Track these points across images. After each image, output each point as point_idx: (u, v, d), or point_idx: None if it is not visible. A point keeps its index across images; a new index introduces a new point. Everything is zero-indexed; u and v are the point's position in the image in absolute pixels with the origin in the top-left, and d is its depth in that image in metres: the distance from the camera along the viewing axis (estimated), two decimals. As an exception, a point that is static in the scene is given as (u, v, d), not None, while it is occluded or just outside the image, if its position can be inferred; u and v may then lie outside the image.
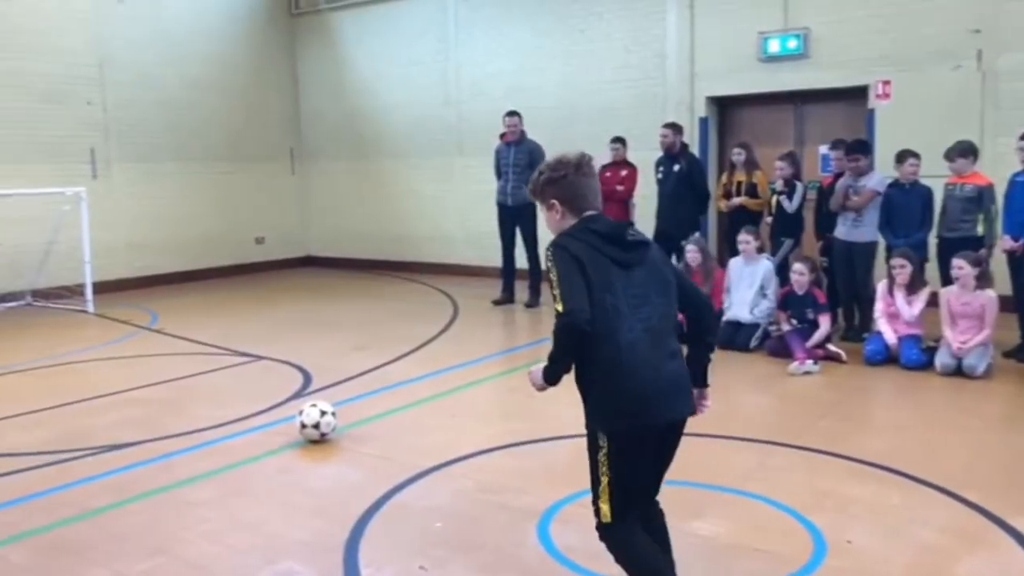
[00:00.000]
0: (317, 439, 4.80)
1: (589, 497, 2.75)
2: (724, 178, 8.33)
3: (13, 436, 5.03)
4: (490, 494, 4.05)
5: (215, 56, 12.06)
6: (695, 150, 9.15)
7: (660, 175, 8.42)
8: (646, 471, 2.72)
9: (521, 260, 9.20)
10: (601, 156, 9.25)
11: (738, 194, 8.02)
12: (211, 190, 12.11)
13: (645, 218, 8.75)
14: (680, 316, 2.78)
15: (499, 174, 9.12)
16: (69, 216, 9.61)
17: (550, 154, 9.14)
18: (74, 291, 9.76)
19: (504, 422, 5.29)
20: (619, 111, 10.15)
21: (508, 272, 9.26)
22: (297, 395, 5.83)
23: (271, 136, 12.96)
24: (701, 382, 2.85)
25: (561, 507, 3.88)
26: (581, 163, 2.75)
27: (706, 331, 2.85)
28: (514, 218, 9.04)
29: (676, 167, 8.27)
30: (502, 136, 9.10)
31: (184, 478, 4.31)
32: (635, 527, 2.73)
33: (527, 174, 9.10)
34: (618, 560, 2.74)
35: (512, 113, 9.00)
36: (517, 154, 8.90)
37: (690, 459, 4.48)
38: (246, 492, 4.16)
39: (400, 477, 4.25)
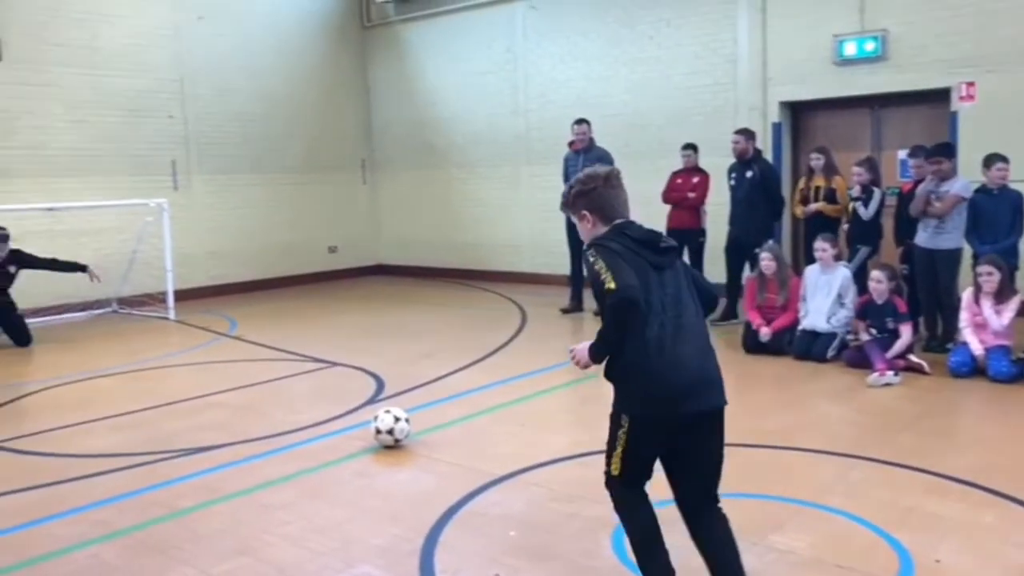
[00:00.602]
0: (391, 445, 4.87)
1: (659, 509, 2.99)
2: (802, 183, 8.16)
3: (104, 437, 5.24)
4: (563, 503, 4.05)
5: (290, 70, 12.38)
6: (768, 156, 9.00)
7: (732, 181, 8.30)
8: (656, 450, 2.93)
9: (590, 268, 9.19)
10: (671, 163, 9.21)
11: (816, 200, 7.85)
12: (286, 200, 12.42)
13: (717, 225, 8.65)
14: None
15: (568, 182, 9.10)
16: (152, 226, 9.98)
17: (619, 161, 9.18)
18: (156, 299, 10.13)
19: (574, 431, 5.28)
20: (689, 117, 10.06)
21: (576, 280, 9.24)
22: (371, 401, 5.93)
23: (343, 147, 13.23)
24: None
25: (635, 517, 3.84)
26: (610, 176, 3.00)
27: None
28: (583, 226, 9.01)
29: (749, 173, 8.15)
30: (571, 144, 9.10)
31: (265, 481, 4.42)
32: (644, 496, 3.00)
33: (596, 182, 9.13)
34: (617, 511, 3.04)
35: (581, 121, 9.00)
36: (586, 162, 8.87)
37: (767, 471, 4.43)
38: (324, 496, 4.24)
39: (473, 484, 4.28)
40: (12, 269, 8.35)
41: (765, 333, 6.97)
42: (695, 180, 8.67)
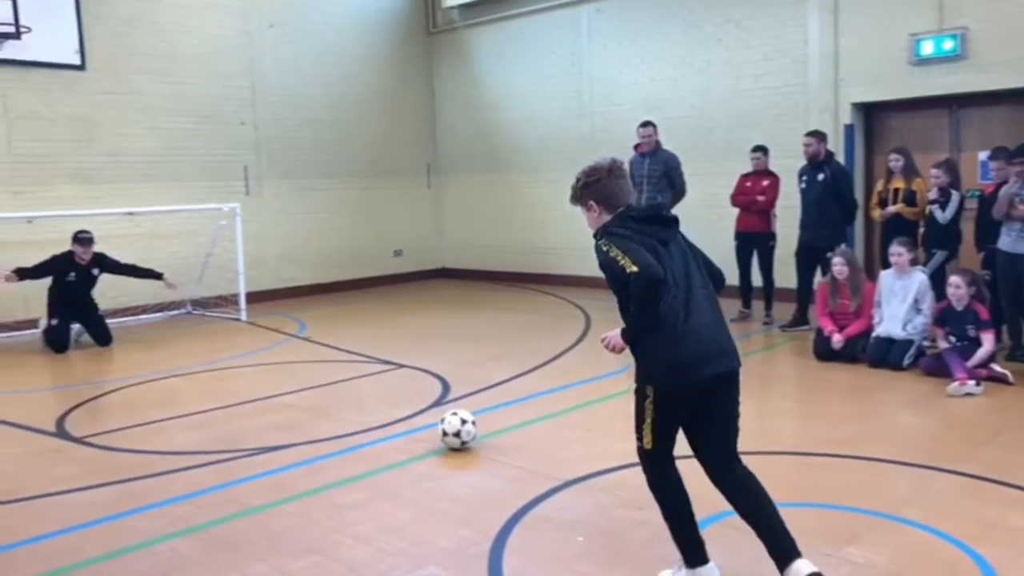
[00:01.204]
0: (458, 447, 4.89)
1: (731, 518, 3.16)
2: (880, 185, 7.93)
3: (180, 435, 5.40)
4: (631, 510, 4.01)
5: (357, 76, 12.59)
6: (840, 158, 8.78)
7: (803, 184, 8.13)
8: (682, 415, 3.09)
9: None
10: (739, 165, 9.07)
11: (895, 202, 7.63)
12: (353, 205, 12.62)
13: (788, 229, 8.49)
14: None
15: (633, 185, 9.04)
16: (225, 230, 10.25)
17: (685, 164, 9.09)
18: (228, 300, 10.40)
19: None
20: (758, 119, 9.90)
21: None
22: (437, 403, 5.98)
23: (409, 152, 13.39)
24: None
25: (705, 526, 3.77)
26: (612, 167, 3.19)
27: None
28: (648, 230, 8.94)
29: (820, 176, 7.97)
30: (636, 147, 9.04)
31: (335, 481, 4.50)
32: (672, 463, 3.17)
33: (662, 184, 9.10)
34: (653, 487, 3.18)
35: (646, 123, 8.93)
36: (652, 164, 8.81)
37: (841, 481, 4.32)
38: (392, 496, 4.29)
39: (540, 489, 4.28)
40: (95, 272, 8.67)
41: (838, 340, 6.80)
42: (765, 183, 8.52)
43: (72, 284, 8.45)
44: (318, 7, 12.09)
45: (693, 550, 3.16)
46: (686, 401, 3.05)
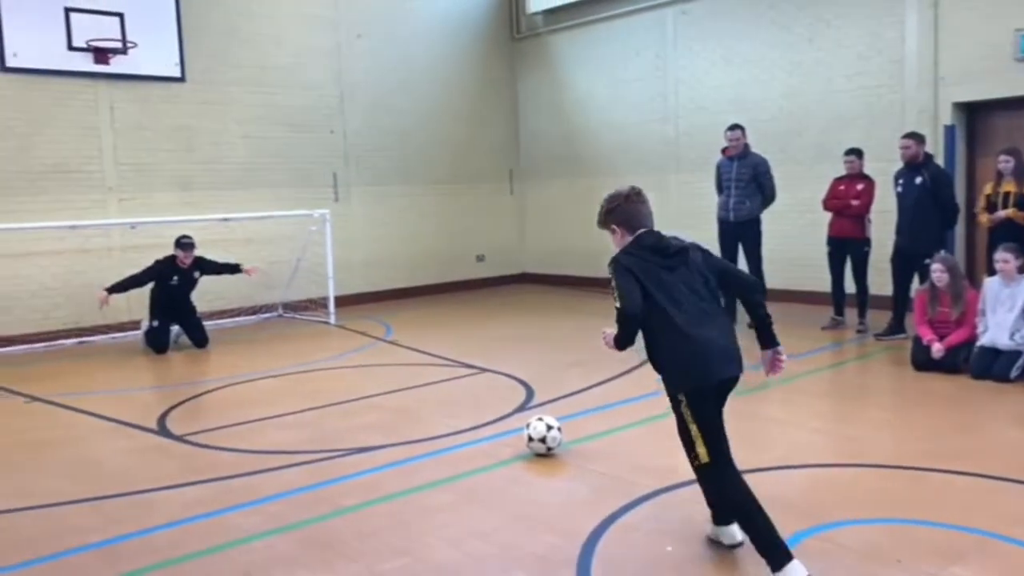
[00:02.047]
0: (543, 453, 4.90)
1: (827, 532, 3.38)
2: (988, 188, 7.55)
3: (275, 435, 5.56)
4: (722, 520, 3.93)
5: (443, 83, 12.76)
6: (939, 160, 8.45)
7: (900, 188, 7.84)
8: (715, 414, 3.39)
9: (743, 278, 8.93)
10: (831, 169, 8.82)
11: (1004, 206, 7.28)
12: (437, 210, 12.79)
13: (883, 234, 8.21)
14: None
15: (720, 189, 8.90)
16: (315, 235, 10.52)
17: (775, 168, 8.91)
18: (317, 304, 10.68)
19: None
20: (851, 121, 9.61)
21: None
22: (521, 408, 5.99)
23: (492, 157, 13.49)
24: (770, 343, 3.57)
25: (800, 539, 3.69)
26: (630, 194, 3.58)
27: (756, 305, 3.55)
28: (736, 234, 8.79)
29: (918, 179, 7.66)
30: (724, 150, 8.88)
31: (423, 483, 4.55)
32: (730, 467, 3.39)
33: (750, 189, 8.96)
34: (712, 495, 3.48)
35: (734, 127, 8.76)
36: (740, 168, 8.65)
37: (943, 497, 4.14)
38: (480, 501, 4.32)
39: (628, 497, 4.24)
40: (196, 275, 9.02)
41: (938, 349, 6.53)
42: (859, 187, 8.25)
43: (174, 288, 8.81)
44: (405, 17, 12.31)
45: (776, 551, 3.23)
46: (709, 397, 3.37)
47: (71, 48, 9.39)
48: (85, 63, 9.51)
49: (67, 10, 9.34)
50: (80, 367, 8.18)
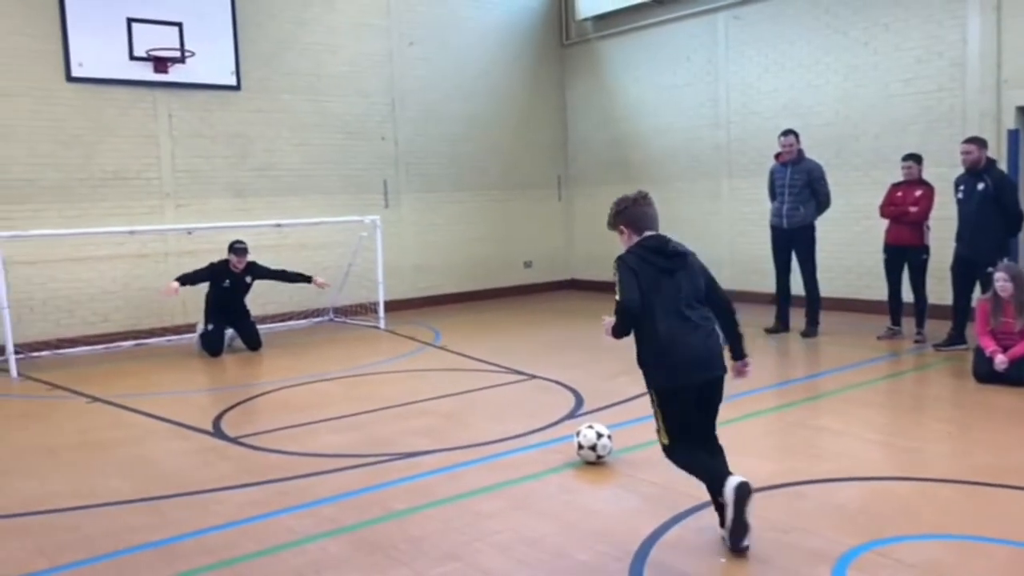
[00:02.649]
0: (593, 461, 4.87)
1: (885, 547, 3.58)
2: None
3: (327, 438, 5.62)
4: (775, 532, 3.87)
5: (492, 90, 12.81)
6: (1002, 166, 8.21)
7: (960, 195, 7.63)
8: (687, 412, 3.77)
9: (797, 286, 8.79)
10: (888, 174, 8.63)
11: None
12: (485, 216, 12.84)
13: (942, 242, 8.01)
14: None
15: (773, 195, 8.78)
16: (366, 241, 10.64)
17: (830, 173, 8.77)
18: (367, 309, 10.79)
19: (784, 458, 5.04)
20: (909, 126, 9.40)
21: (783, 298, 8.87)
22: (571, 415, 5.97)
23: (540, 164, 13.50)
24: (740, 356, 3.93)
25: (857, 554, 3.61)
26: (638, 198, 3.90)
27: (734, 323, 3.90)
28: (789, 241, 8.66)
29: (980, 185, 7.45)
30: (777, 156, 8.76)
31: (473, 489, 4.56)
32: (691, 447, 3.81)
33: (804, 194, 8.82)
34: (682, 468, 3.84)
35: (788, 132, 8.64)
36: (794, 174, 8.52)
37: (1009, 516, 4.00)
38: (530, 507, 4.31)
39: (679, 507, 4.19)
40: (249, 279, 9.19)
41: (1001, 361, 6.33)
42: (917, 193, 8.06)
43: (227, 291, 8.98)
44: (456, 25, 12.39)
45: (719, 481, 3.72)
46: (685, 400, 3.74)
47: (132, 58, 9.66)
48: (145, 72, 9.77)
49: (129, 20, 9.61)
50: (137, 369, 8.38)
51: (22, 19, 9.11)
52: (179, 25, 9.90)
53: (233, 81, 10.43)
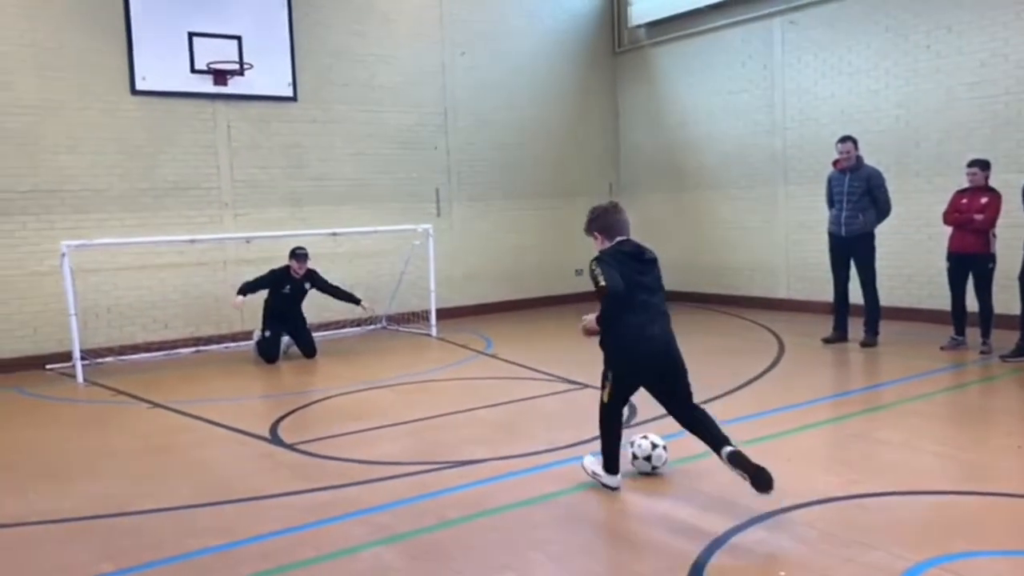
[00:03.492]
0: (648, 471, 4.82)
1: (950, 563, 3.53)
2: None
3: (381, 446, 5.67)
4: (838, 547, 3.78)
5: (544, 98, 12.83)
6: (1072, 171, 7.94)
7: (1028, 201, 7.40)
8: (633, 388, 4.60)
9: (855, 295, 8.60)
10: (951, 181, 8.41)
11: None
12: (536, 224, 12.85)
13: (1009, 250, 7.77)
14: None
15: (831, 203, 8.61)
16: (418, 249, 10.72)
17: (890, 180, 8.58)
18: (420, 316, 10.86)
19: (844, 471, 4.92)
20: (973, 131, 9.14)
21: (841, 307, 8.68)
22: (624, 425, 5.88)
23: (591, 171, 13.46)
24: None
25: (922, 570, 3.51)
26: (609, 207, 4.51)
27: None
28: (848, 249, 8.48)
29: (1050, 192, 7.22)
30: (835, 163, 8.59)
31: (527, 498, 4.55)
32: (620, 412, 4.60)
33: (864, 202, 8.64)
34: (602, 422, 4.57)
35: (845, 139, 8.47)
36: (853, 181, 8.35)
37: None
38: (584, 518, 4.28)
39: (737, 519, 4.12)
40: (307, 286, 9.33)
41: (1073, 373, 6.12)
42: (983, 200, 7.82)
43: (286, 296, 9.14)
44: (508, 34, 12.45)
45: (613, 461, 4.56)
46: (635, 384, 4.54)
47: (193, 71, 9.90)
48: (205, 85, 10.00)
49: (191, 35, 9.86)
50: (196, 375, 8.57)
51: (91, 36, 9.42)
52: (238, 39, 10.13)
53: (290, 92, 10.63)
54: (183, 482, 5.09)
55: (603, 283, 4.14)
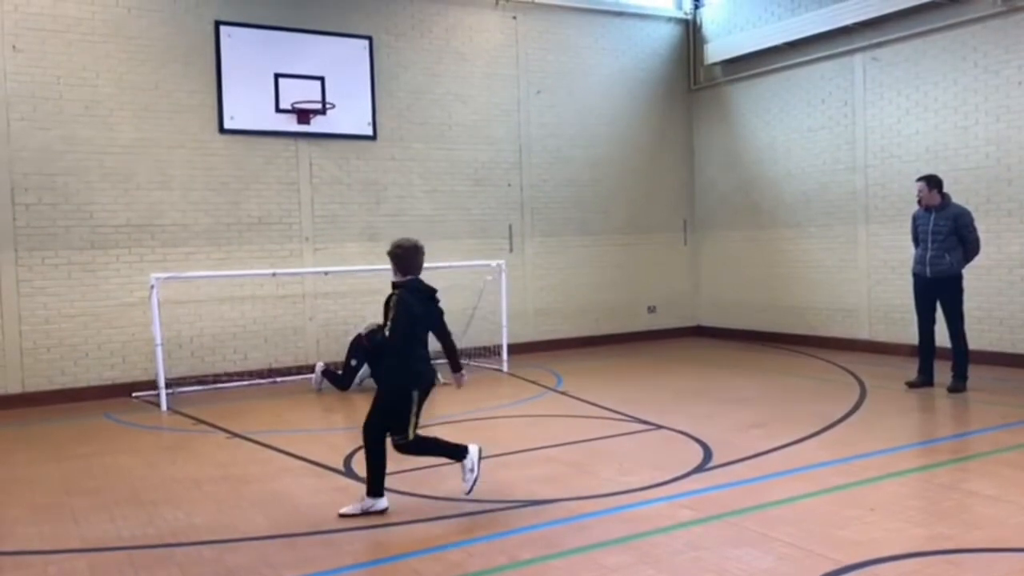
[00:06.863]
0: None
1: None
2: None
3: (453, 482, 5.64)
4: (927, 606, 3.60)
5: (619, 136, 12.85)
6: None
7: None
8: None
9: (942, 337, 8.27)
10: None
11: None
12: (609, 261, 12.81)
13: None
14: None
15: (917, 242, 8.34)
16: (491, 285, 10.80)
17: (980, 219, 8.29)
18: (491, 351, 10.89)
19: (934, 523, 4.70)
20: (1068, 169, 8.77)
21: (926, 351, 8.36)
22: (699, 469, 5.79)
23: (666, 208, 13.38)
24: (457, 369, 5.49)
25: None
26: (411, 246, 5.24)
27: (451, 347, 5.52)
28: (934, 290, 8.18)
29: None
30: (920, 201, 8.34)
31: (599, 540, 4.48)
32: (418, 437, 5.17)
33: (950, 242, 8.35)
34: (416, 454, 5.25)
35: (921, 178, 8.23)
36: (939, 220, 8.08)
37: None
38: (658, 562, 4.18)
39: (816, 570, 3.97)
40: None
41: None
42: (1080, 241, 7.47)
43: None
44: (583, 72, 12.55)
45: (457, 449, 5.27)
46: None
47: (278, 110, 10.27)
48: (289, 124, 10.36)
49: (276, 76, 10.25)
50: (273, 406, 8.75)
51: (184, 77, 9.87)
52: (321, 79, 10.48)
53: (370, 131, 10.91)
54: (260, 512, 5.18)
55: (387, 332, 5.09)
